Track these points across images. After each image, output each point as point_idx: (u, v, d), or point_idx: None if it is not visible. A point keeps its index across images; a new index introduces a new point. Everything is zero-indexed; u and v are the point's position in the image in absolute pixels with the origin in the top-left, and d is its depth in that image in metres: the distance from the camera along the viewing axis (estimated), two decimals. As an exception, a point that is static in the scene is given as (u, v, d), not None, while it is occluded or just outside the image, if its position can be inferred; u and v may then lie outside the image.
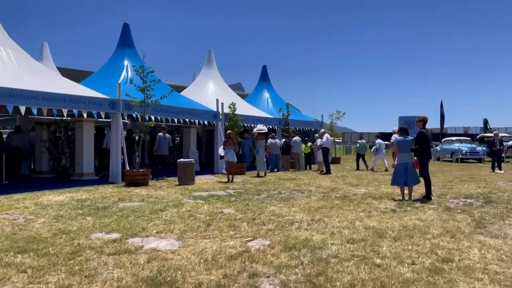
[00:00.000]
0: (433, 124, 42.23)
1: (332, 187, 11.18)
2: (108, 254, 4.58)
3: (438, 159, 23.88)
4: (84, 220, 6.44)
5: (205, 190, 10.46)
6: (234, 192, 10.16)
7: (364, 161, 18.41)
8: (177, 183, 11.82)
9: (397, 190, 9.40)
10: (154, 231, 5.75)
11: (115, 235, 5.47)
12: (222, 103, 16.34)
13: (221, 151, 13.17)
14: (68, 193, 9.75)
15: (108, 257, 4.48)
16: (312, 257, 4.49)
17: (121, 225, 6.07)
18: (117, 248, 4.79)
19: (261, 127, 15.43)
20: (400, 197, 8.90)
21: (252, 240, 5.26)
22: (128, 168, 12.23)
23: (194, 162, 12.04)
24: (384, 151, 17.86)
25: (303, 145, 18.70)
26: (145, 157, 14.73)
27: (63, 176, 13.69)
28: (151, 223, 6.25)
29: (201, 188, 10.86)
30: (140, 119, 12.18)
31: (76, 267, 4.10)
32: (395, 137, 15.92)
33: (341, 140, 47.15)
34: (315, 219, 6.65)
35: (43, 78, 11.25)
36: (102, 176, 13.45)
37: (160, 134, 13.20)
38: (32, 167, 15.03)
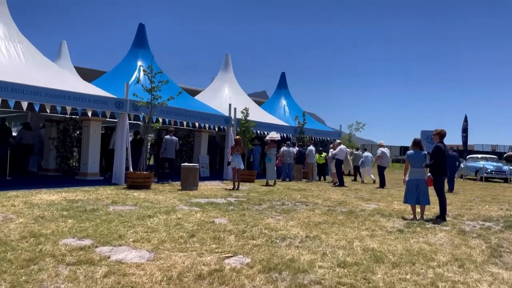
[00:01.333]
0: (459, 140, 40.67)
1: (341, 201, 10.54)
2: (67, 264, 4.15)
3: (461, 177, 22.74)
4: (63, 223, 6.06)
5: (206, 197, 9.99)
6: (235, 200, 9.66)
7: (359, 173, 18.43)
8: (180, 188, 11.42)
9: (409, 208, 8.70)
10: (131, 239, 5.31)
11: (86, 242, 5.05)
12: (235, 108, 15.92)
13: (228, 157, 12.70)
14: (65, 192, 9.46)
15: (66, 267, 4.04)
16: (291, 282, 3.94)
17: (99, 231, 5.65)
18: (80, 258, 4.36)
19: (274, 135, 14.91)
20: (411, 216, 8.20)
21: (231, 256, 4.74)
22: (131, 170, 11.92)
23: (198, 166, 11.61)
24: (371, 163, 17.84)
25: (317, 155, 18.07)
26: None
27: (68, 175, 13.50)
28: (132, 230, 5.81)
29: (203, 195, 10.40)
30: (146, 121, 11.85)
31: (23, 278, 3.67)
32: (381, 150, 15.65)
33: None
34: (310, 235, 6.08)
35: (49, 74, 11.08)
36: (107, 177, 13.20)
37: (167, 136, 12.85)
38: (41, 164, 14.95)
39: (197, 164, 11.76)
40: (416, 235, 6.54)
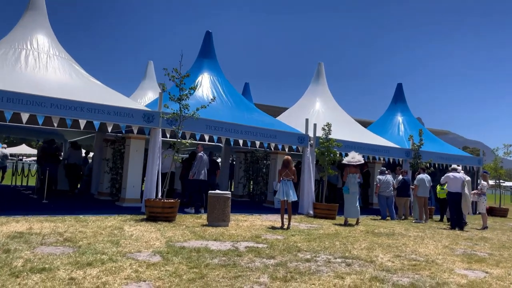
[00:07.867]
0: None
1: (425, 260, 6.45)
2: None
3: None
4: None
5: (214, 239, 7.12)
6: (246, 247, 6.56)
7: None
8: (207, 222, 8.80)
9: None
10: None
11: None
12: (315, 124, 12.71)
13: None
14: (53, 222, 7.74)
15: None
16: None
17: None
18: None
19: (355, 156, 11.11)
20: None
21: None
22: (159, 197, 9.79)
23: (229, 196, 8.82)
24: (485, 197, 12.35)
25: (438, 187, 13.33)
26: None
27: (115, 200, 12.10)
28: None
29: (218, 235, 7.53)
30: (178, 137, 9.67)
31: None
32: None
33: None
34: None
35: (76, 85, 9.90)
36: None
37: (200, 154, 10.40)
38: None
39: (229, 192, 8.95)
40: None
